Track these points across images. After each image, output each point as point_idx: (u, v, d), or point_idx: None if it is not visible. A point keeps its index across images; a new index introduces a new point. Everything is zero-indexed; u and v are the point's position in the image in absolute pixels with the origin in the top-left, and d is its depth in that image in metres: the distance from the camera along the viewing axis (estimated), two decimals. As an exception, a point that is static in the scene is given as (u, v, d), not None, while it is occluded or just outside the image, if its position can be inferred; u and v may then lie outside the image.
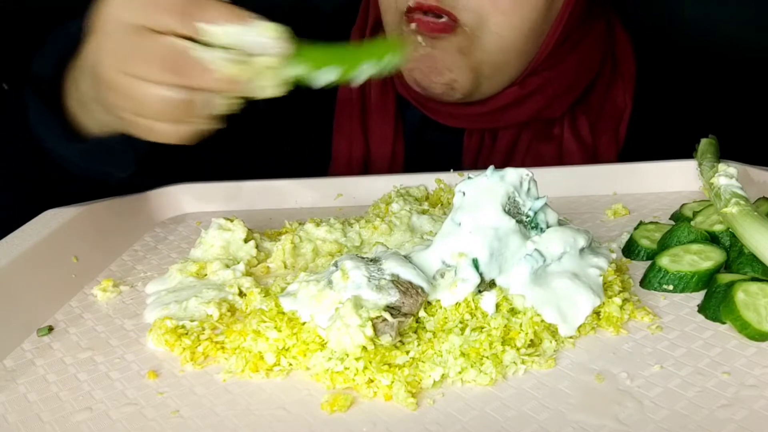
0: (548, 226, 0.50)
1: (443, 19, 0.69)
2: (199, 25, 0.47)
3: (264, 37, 0.48)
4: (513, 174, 0.49)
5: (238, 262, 0.57)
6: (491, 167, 0.50)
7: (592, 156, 0.80)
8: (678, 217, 0.62)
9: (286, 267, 0.59)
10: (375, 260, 0.47)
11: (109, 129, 0.61)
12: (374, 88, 0.83)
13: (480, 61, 0.71)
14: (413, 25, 0.70)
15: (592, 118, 0.81)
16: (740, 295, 0.45)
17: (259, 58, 0.48)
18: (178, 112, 0.49)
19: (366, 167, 0.85)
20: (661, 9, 0.87)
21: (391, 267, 0.46)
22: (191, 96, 0.48)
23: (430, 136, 0.84)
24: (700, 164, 0.63)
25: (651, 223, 0.60)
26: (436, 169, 0.73)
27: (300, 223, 0.64)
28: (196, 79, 0.47)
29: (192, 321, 0.49)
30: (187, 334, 0.48)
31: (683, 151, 0.68)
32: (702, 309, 0.48)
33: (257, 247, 0.60)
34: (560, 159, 0.80)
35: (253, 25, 0.47)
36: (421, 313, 0.46)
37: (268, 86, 0.49)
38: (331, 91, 0.84)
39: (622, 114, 0.81)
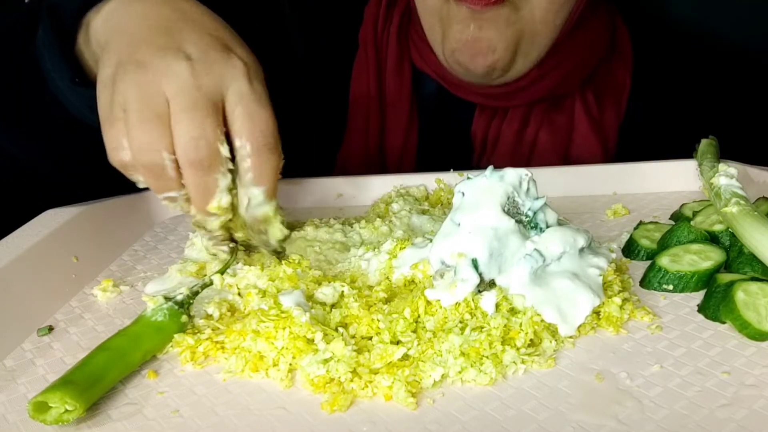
0: (548, 226, 0.50)
1: None
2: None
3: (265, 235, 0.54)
4: (512, 174, 0.49)
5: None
6: (490, 167, 0.50)
7: (598, 128, 0.83)
8: (678, 217, 0.62)
9: None
10: None
11: None
12: (390, 60, 0.84)
13: (521, 33, 0.73)
14: (462, 6, 0.71)
15: (596, 92, 0.84)
16: (740, 295, 0.45)
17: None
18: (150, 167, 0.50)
19: (381, 139, 0.86)
20: (658, 7, 0.89)
21: None
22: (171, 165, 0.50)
23: (444, 110, 0.86)
24: (700, 164, 0.63)
25: (651, 223, 0.60)
26: (449, 144, 0.75)
27: (300, 225, 0.64)
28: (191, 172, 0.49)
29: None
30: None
31: (677, 134, 0.68)
32: (702, 309, 0.48)
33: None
34: (571, 130, 0.83)
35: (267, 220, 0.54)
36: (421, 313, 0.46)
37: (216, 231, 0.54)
38: (347, 59, 0.86)
39: (623, 90, 0.85)
